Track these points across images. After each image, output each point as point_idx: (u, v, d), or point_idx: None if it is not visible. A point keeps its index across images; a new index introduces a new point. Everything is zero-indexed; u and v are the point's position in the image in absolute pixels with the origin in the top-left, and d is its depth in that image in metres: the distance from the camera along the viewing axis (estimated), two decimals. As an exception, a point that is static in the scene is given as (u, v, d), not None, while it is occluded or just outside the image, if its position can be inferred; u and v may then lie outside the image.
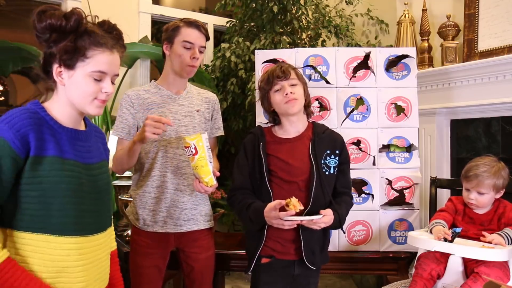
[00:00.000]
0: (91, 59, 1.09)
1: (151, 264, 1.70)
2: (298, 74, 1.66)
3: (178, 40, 1.69)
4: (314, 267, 1.60)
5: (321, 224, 1.51)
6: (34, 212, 1.06)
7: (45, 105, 1.14)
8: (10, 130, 1.03)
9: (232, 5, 3.30)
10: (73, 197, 1.10)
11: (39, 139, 1.07)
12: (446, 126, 2.81)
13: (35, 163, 1.06)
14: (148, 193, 1.71)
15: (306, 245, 1.57)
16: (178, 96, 1.77)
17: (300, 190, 1.58)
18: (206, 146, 1.52)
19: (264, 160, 1.61)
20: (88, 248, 1.14)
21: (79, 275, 1.11)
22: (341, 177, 1.66)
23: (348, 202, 1.68)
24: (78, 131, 1.17)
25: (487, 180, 1.65)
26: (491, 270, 1.55)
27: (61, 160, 1.09)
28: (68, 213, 1.09)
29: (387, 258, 2.05)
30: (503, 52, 2.47)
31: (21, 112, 1.07)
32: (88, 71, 1.10)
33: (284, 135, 1.67)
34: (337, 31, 3.29)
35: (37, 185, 1.06)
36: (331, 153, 1.62)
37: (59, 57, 1.09)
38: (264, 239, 1.59)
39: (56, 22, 1.07)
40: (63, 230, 1.09)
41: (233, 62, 3.08)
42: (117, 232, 2.44)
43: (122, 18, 3.28)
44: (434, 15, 2.96)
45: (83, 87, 1.10)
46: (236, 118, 3.26)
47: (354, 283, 3.21)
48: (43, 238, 1.07)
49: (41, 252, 1.07)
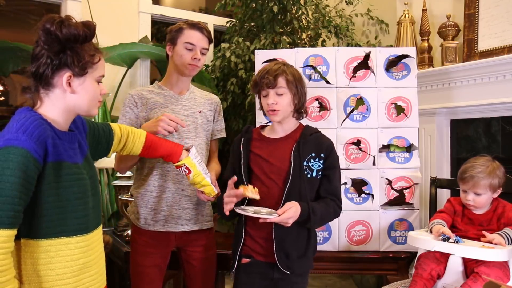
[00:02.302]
0: (97, 64, 1.15)
1: (152, 264, 1.70)
2: (288, 80, 1.55)
3: (180, 41, 1.71)
4: (289, 272, 1.52)
5: (288, 220, 1.43)
6: (51, 218, 1.09)
7: (40, 111, 1.13)
8: (31, 139, 1.04)
9: (232, 5, 3.30)
10: (83, 198, 1.16)
11: (53, 145, 1.10)
12: (446, 126, 2.81)
13: (53, 169, 1.09)
14: (149, 192, 1.71)
15: (279, 247, 1.52)
16: (181, 96, 1.78)
17: (278, 188, 1.55)
18: (197, 162, 1.53)
19: (244, 155, 1.61)
20: (95, 242, 1.21)
21: (95, 267, 1.19)
22: (326, 182, 1.58)
23: (330, 205, 1.56)
24: (69, 133, 1.19)
25: (482, 181, 1.65)
26: (491, 270, 1.55)
27: (69, 165, 1.13)
28: (80, 214, 1.15)
29: (387, 258, 2.05)
30: (503, 52, 2.47)
31: (32, 119, 1.08)
32: (96, 76, 1.16)
33: (271, 134, 1.66)
34: (337, 31, 3.29)
35: (54, 190, 1.09)
36: (315, 156, 1.57)
37: (77, 65, 1.11)
38: (243, 237, 1.58)
39: (73, 31, 1.09)
40: (78, 230, 1.14)
41: (233, 62, 3.08)
42: (117, 232, 2.44)
43: (122, 18, 3.33)
44: (434, 15, 2.96)
45: (93, 92, 1.17)
46: (236, 118, 3.26)
47: (354, 283, 3.21)
48: (62, 242, 1.11)
49: (61, 256, 1.11)
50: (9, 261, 1.03)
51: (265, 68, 1.61)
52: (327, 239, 2.06)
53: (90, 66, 1.13)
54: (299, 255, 1.55)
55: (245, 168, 1.60)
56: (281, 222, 1.43)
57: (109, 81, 3.17)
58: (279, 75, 1.55)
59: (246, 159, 1.61)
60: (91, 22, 1.15)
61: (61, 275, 1.11)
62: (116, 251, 2.26)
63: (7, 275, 1.01)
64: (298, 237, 1.55)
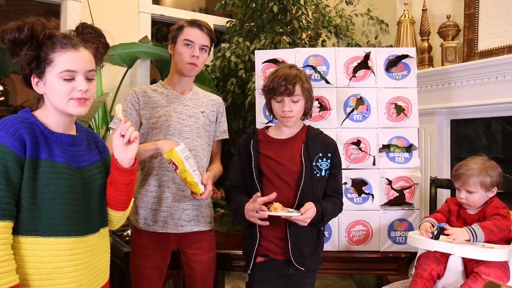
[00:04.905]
0: (56, 61, 1.12)
1: (152, 266, 1.69)
2: (303, 87, 1.59)
3: (180, 39, 1.72)
4: (303, 268, 1.59)
5: (306, 220, 1.50)
6: (24, 215, 1.08)
7: (36, 113, 1.18)
8: (7, 135, 1.07)
9: (232, 5, 3.30)
10: (62, 199, 1.13)
11: (32, 142, 1.10)
12: (446, 126, 2.81)
13: (30, 165, 1.09)
14: (150, 192, 1.71)
15: (294, 245, 1.57)
16: (184, 96, 1.78)
17: (290, 189, 1.59)
18: (184, 158, 1.52)
19: (254, 158, 1.62)
20: (80, 249, 1.16)
21: (71, 275, 1.13)
22: (332, 181, 1.66)
23: (336, 203, 1.66)
24: (68, 135, 1.20)
25: (472, 178, 1.66)
26: (491, 270, 1.55)
27: (51, 163, 1.12)
28: (57, 215, 1.12)
29: (387, 258, 2.05)
30: (503, 52, 2.47)
31: (12, 118, 1.12)
32: (56, 73, 1.13)
33: (278, 135, 1.68)
34: (337, 31, 3.29)
35: (29, 186, 1.09)
36: (323, 156, 1.63)
37: (26, 67, 1.13)
38: (258, 238, 1.60)
39: (11, 35, 1.10)
40: (53, 231, 1.11)
41: (233, 62, 3.08)
42: (117, 232, 2.44)
43: (122, 18, 3.33)
44: (434, 15, 2.96)
45: (57, 90, 1.13)
46: (236, 118, 3.26)
47: (354, 283, 3.21)
48: (33, 241, 1.09)
49: (31, 255, 1.09)
50: (8, 253, 1.03)
51: (281, 74, 1.59)
52: (327, 239, 2.06)
53: (47, 65, 1.12)
54: (311, 251, 1.62)
55: (256, 171, 1.61)
56: (300, 221, 1.49)
57: (109, 81, 3.18)
58: (297, 83, 1.58)
59: (256, 161, 1.62)
60: (25, 23, 1.11)
61: (28, 275, 1.08)
62: (116, 251, 2.26)
63: (6, 267, 1.01)
64: (310, 235, 1.62)
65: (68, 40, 1.14)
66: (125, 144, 1.23)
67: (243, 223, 1.60)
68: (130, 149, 1.23)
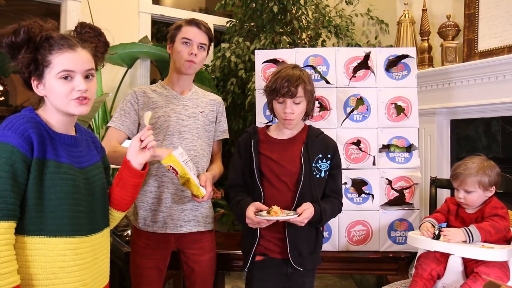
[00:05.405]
0: (54, 63, 1.13)
1: (151, 266, 1.69)
2: (306, 89, 1.57)
3: (178, 37, 1.72)
4: (302, 268, 1.59)
5: (304, 220, 1.50)
6: (30, 215, 1.09)
7: (39, 112, 1.18)
8: (15, 135, 1.08)
9: (232, 5, 3.30)
10: (67, 199, 1.13)
11: (39, 142, 1.11)
12: (446, 126, 2.81)
13: (37, 165, 1.10)
14: (149, 192, 1.71)
15: (292, 245, 1.57)
16: (183, 96, 1.78)
17: (289, 191, 1.59)
18: (182, 162, 1.50)
19: (255, 158, 1.62)
20: (84, 248, 1.17)
21: (76, 274, 1.14)
22: (331, 181, 1.66)
23: (335, 203, 1.65)
24: (69, 136, 1.20)
25: (469, 178, 1.66)
26: (491, 270, 1.55)
27: (57, 164, 1.13)
28: (62, 215, 1.12)
29: (387, 258, 2.05)
30: (503, 52, 2.47)
31: (19, 117, 1.12)
32: (54, 74, 1.13)
33: (278, 136, 1.68)
34: (337, 31, 3.29)
35: (36, 187, 1.09)
36: (323, 157, 1.62)
37: (25, 70, 1.13)
38: (258, 237, 1.61)
39: (8, 39, 1.10)
40: (58, 231, 1.12)
41: (233, 62, 3.08)
42: (117, 232, 2.44)
43: (122, 18, 3.33)
44: (434, 15, 2.96)
45: (56, 91, 1.13)
46: (236, 118, 3.26)
47: (354, 283, 3.21)
48: (39, 241, 1.10)
49: (37, 255, 1.09)
50: (10, 253, 1.04)
51: (283, 75, 1.57)
52: (327, 239, 2.06)
53: (45, 67, 1.12)
54: (310, 252, 1.62)
55: (258, 171, 1.61)
56: (298, 222, 1.50)
57: (109, 81, 3.18)
58: (299, 85, 1.56)
59: (257, 161, 1.62)
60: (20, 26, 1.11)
61: (33, 275, 1.08)
62: (116, 251, 2.26)
63: (8, 267, 1.02)
64: (309, 235, 1.62)
65: (65, 41, 1.14)
66: (140, 149, 1.29)
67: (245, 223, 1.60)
68: (143, 154, 1.30)
